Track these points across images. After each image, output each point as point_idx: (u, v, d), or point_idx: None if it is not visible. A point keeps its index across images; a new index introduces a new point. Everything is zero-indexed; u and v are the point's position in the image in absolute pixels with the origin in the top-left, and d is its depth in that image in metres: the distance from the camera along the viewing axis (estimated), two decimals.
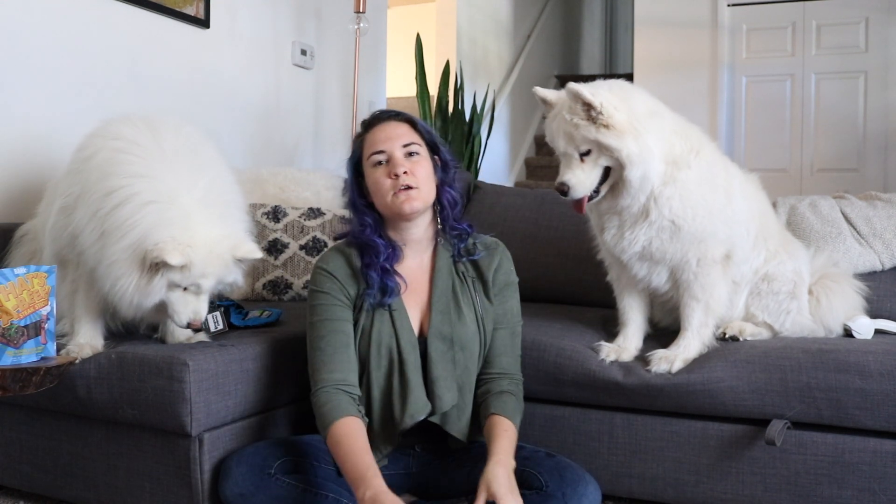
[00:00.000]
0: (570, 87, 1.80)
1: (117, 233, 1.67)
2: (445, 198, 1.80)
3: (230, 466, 1.69)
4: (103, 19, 2.71)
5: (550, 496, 1.60)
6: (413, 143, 1.75)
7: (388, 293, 1.74)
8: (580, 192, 1.86)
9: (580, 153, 1.85)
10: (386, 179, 1.72)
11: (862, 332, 2.08)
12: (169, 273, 1.66)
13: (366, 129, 1.80)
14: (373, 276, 1.74)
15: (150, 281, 1.67)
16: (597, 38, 8.36)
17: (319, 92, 3.88)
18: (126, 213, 1.67)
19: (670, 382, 1.89)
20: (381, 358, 1.73)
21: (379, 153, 1.74)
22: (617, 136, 1.80)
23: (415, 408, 1.69)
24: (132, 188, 1.69)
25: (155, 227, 1.65)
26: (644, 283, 2.03)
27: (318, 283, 1.78)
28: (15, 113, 2.45)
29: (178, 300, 1.72)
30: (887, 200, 2.49)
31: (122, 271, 1.67)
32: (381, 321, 1.74)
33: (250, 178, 2.82)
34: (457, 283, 1.80)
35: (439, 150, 1.80)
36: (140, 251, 1.65)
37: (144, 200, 1.68)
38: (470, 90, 4.81)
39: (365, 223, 1.77)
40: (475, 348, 1.77)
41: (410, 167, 1.72)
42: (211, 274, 1.70)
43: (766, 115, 5.45)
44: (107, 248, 1.68)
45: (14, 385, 1.55)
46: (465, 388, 1.76)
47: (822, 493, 1.82)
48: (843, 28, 5.28)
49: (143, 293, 1.68)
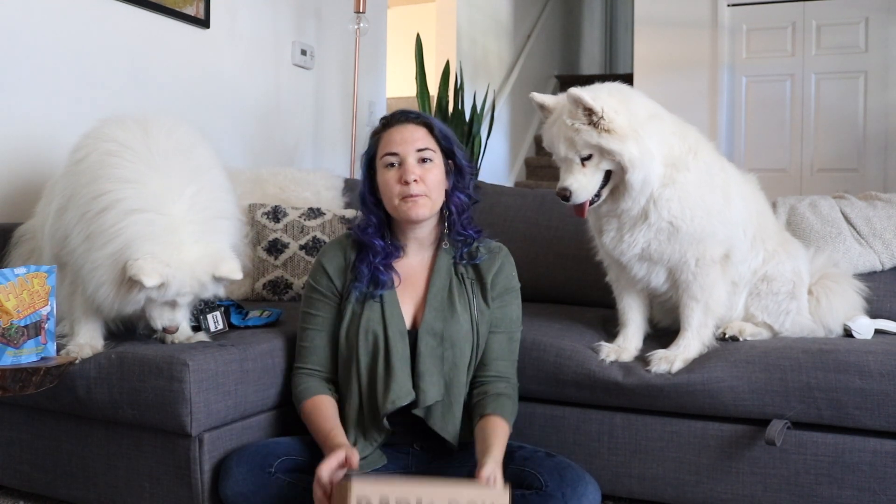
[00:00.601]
0: (571, 93, 1.80)
1: (101, 238, 1.68)
2: (454, 203, 1.82)
3: (230, 466, 1.69)
4: (103, 19, 2.71)
5: (550, 496, 1.60)
6: (427, 149, 1.77)
7: (378, 286, 1.78)
8: (582, 197, 1.86)
9: (581, 158, 1.84)
10: (396, 183, 1.75)
11: (862, 332, 2.08)
12: (146, 290, 1.67)
13: (383, 128, 1.82)
14: (363, 270, 1.79)
15: (129, 293, 1.69)
16: (597, 38, 8.35)
17: (319, 92, 3.88)
18: (111, 220, 1.68)
19: (670, 382, 1.89)
20: (369, 344, 1.76)
21: (392, 155, 1.77)
22: (619, 139, 1.80)
23: (397, 394, 1.71)
24: (118, 193, 1.70)
25: (136, 240, 1.66)
26: (643, 283, 2.03)
27: (313, 276, 1.87)
28: (15, 113, 2.45)
29: (155, 310, 1.75)
30: (887, 200, 2.48)
31: (104, 278, 1.69)
32: (372, 309, 1.78)
33: (250, 178, 2.82)
34: (454, 283, 1.81)
35: (455, 155, 1.82)
36: (121, 261, 1.66)
37: (129, 208, 1.68)
38: (470, 90, 4.81)
39: (370, 222, 1.81)
40: (466, 348, 1.78)
41: (421, 174, 1.75)
42: (187, 293, 1.73)
43: (766, 115, 5.44)
44: (91, 252, 1.69)
45: (14, 385, 1.55)
46: (453, 387, 1.76)
47: (822, 493, 1.82)
48: (843, 28, 5.27)
49: (122, 302, 1.71)
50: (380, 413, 1.72)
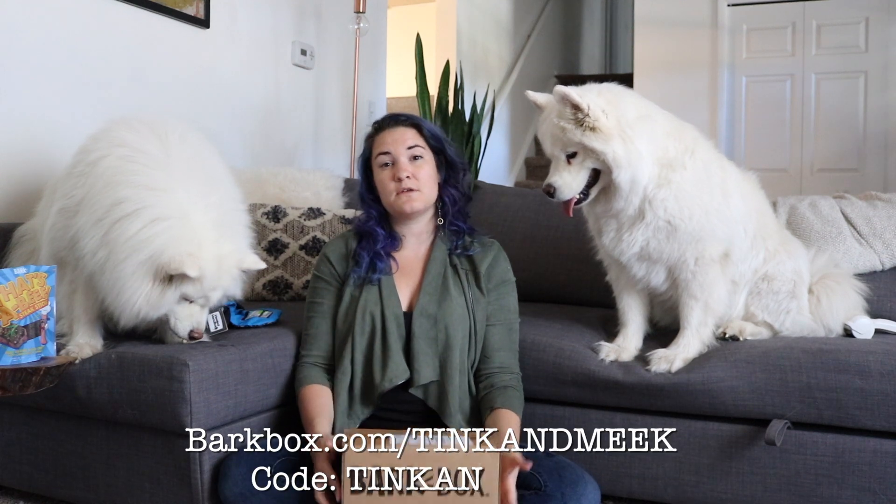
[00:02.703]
0: (558, 90, 1.81)
1: (127, 246, 1.69)
2: (447, 196, 1.94)
3: (230, 466, 1.70)
4: (103, 19, 2.71)
5: (550, 496, 1.61)
6: (417, 146, 1.90)
7: (376, 271, 1.88)
8: (566, 194, 1.87)
9: (567, 155, 1.86)
10: (390, 181, 1.88)
11: (862, 331, 2.08)
12: (182, 286, 1.71)
13: (375, 132, 1.96)
14: (363, 255, 1.89)
15: (163, 293, 1.71)
16: (597, 38, 8.35)
17: (319, 92, 3.88)
18: (136, 227, 1.69)
19: (670, 382, 1.89)
20: (366, 325, 1.84)
21: (385, 154, 1.90)
22: (602, 139, 1.80)
23: (394, 372, 1.79)
24: (141, 201, 1.71)
25: (170, 243, 1.69)
26: (643, 282, 2.03)
27: (317, 267, 1.97)
28: (14, 113, 2.45)
29: (183, 312, 1.78)
30: (887, 200, 2.48)
31: (134, 284, 1.70)
32: (370, 292, 1.87)
33: (250, 178, 2.82)
34: (449, 272, 1.90)
35: (444, 151, 1.94)
36: (153, 265, 1.69)
37: (155, 216, 1.71)
38: (470, 90, 4.80)
39: (371, 215, 1.94)
40: (460, 329, 1.84)
41: (413, 170, 1.87)
42: (220, 286, 1.78)
43: (766, 115, 5.44)
44: (115, 260, 1.70)
45: (14, 385, 1.55)
46: (449, 367, 1.81)
47: (822, 493, 1.82)
48: (843, 28, 5.28)
49: (152, 305, 1.72)
50: (376, 390, 1.79)
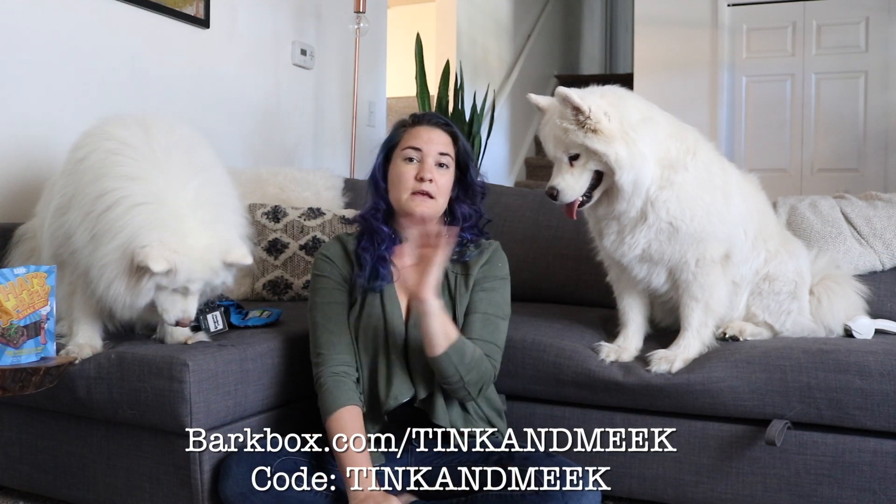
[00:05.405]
0: (560, 92, 1.81)
1: (108, 235, 1.68)
2: (460, 211, 1.88)
3: (230, 466, 1.70)
4: (103, 19, 2.71)
5: (550, 496, 1.61)
6: (447, 155, 1.84)
7: (379, 278, 1.82)
8: (569, 197, 1.87)
9: (569, 157, 1.85)
10: (411, 177, 1.80)
11: (862, 332, 2.08)
12: (155, 277, 1.66)
13: (412, 123, 1.88)
14: (367, 258, 1.83)
15: (139, 283, 1.68)
16: (597, 38, 8.34)
17: (319, 92, 3.88)
18: (116, 216, 1.68)
19: (670, 382, 1.89)
20: (369, 341, 1.80)
21: (415, 150, 1.82)
22: (605, 141, 1.80)
23: (399, 389, 1.76)
24: (123, 190, 1.70)
25: (143, 229, 1.66)
26: (644, 284, 2.03)
27: (319, 267, 1.88)
28: (14, 113, 2.45)
29: (167, 300, 1.73)
30: (887, 200, 2.48)
31: (114, 273, 1.68)
32: (373, 305, 1.82)
33: (250, 178, 2.82)
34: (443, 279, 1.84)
35: (468, 171, 1.88)
36: (128, 253, 1.65)
37: (134, 202, 1.68)
38: (470, 90, 4.80)
39: (378, 207, 1.85)
40: None
41: (436, 176, 1.81)
42: (198, 279, 1.71)
43: (766, 115, 5.44)
44: (98, 250, 1.69)
45: (14, 385, 1.55)
46: None
47: (822, 493, 1.82)
48: (843, 28, 5.27)
49: (133, 294, 1.69)
50: (380, 409, 1.76)
